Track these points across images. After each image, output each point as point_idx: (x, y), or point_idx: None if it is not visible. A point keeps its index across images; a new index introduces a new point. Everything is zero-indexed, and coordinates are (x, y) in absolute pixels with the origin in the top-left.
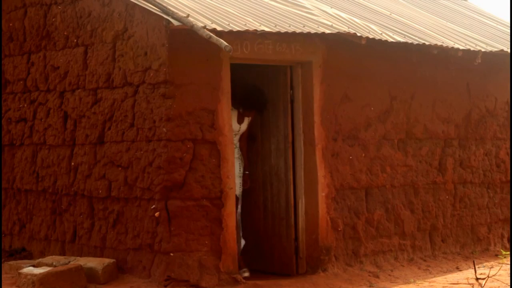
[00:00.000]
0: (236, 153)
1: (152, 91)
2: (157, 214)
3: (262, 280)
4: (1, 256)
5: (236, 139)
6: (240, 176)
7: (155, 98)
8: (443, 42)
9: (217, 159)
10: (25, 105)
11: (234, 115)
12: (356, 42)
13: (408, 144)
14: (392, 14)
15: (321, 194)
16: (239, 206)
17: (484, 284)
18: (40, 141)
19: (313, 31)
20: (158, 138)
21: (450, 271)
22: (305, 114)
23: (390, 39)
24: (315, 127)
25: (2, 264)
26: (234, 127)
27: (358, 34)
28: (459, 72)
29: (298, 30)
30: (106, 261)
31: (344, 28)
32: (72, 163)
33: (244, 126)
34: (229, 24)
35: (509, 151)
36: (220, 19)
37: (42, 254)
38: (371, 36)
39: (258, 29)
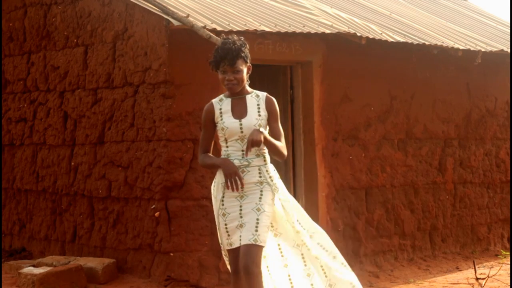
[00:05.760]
0: None
1: (152, 91)
2: (157, 214)
3: None
4: (1, 256)
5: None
6: None
7: (155, 98)
8: (443, 42)
9: None
10: (25, 105)
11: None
12: (356, 42)
13: (408, 144)
14: (392, 14)
15: (321, 194)
16: None
17: (484, 284)
18: (40, 141)
19: (313, 31)
20: (158, 138)
21: (450, 271)
22: (305, 114)
23: (390, 39)
24: (315, 127)
25: (2, 264)
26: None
27: (358, 34)
28: (459, 72)
29: (298, 30)
30: (106, 261)
31: (344, 28)
32: (72, 163)
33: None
34: (229, 24)
35: (509, 151)
36: (220, 19)
37: (42, 254)
38: (371, 36)
39: (258, 29)
